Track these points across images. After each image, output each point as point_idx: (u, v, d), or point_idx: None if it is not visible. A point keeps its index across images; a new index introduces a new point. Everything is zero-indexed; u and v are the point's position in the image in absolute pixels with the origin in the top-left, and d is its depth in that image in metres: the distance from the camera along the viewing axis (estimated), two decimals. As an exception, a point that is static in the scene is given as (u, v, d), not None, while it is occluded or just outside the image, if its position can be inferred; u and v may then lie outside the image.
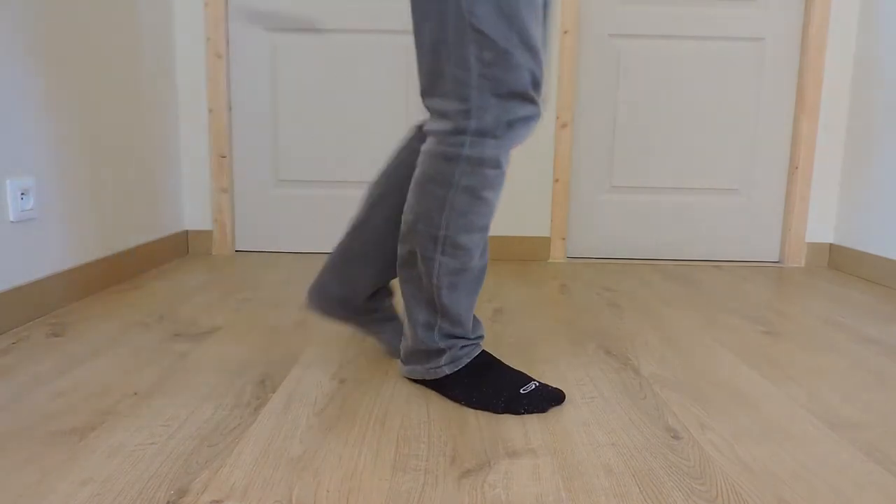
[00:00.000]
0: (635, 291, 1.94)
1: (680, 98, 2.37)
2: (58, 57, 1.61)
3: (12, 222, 1.47)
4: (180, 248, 2.32)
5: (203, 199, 2.37)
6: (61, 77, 1.63)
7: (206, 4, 2.25)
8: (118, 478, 0.85)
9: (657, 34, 2.33)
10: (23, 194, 1.50)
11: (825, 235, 2.41)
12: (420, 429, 1.01)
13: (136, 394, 1.11)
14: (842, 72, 2.32)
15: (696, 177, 2.42)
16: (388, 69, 2.33)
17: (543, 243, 2.40)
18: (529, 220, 2.40)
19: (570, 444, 0.97)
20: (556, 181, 2.36)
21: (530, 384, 1.10)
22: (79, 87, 1.70)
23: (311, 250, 2.43)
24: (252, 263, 2.23)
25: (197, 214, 2.37)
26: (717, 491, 0.85)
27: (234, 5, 2.29)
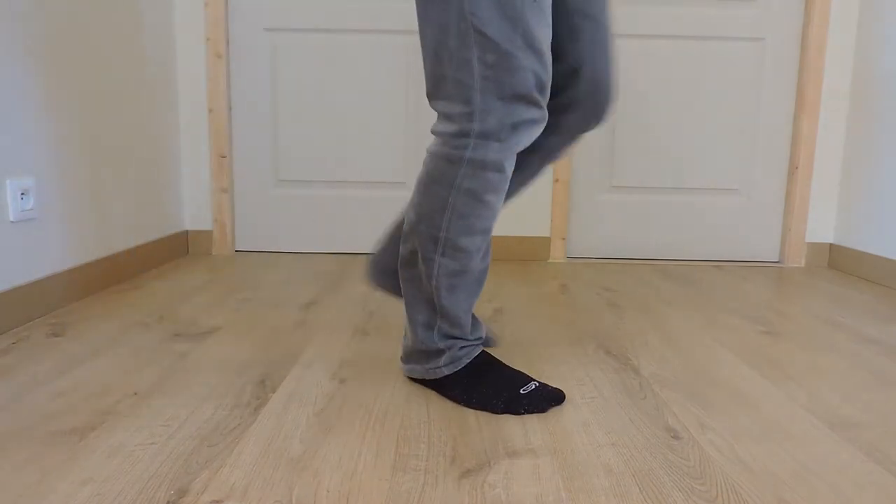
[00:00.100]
0: (635, 291, 1.94)
1: (680, 98, 2.37)
2: (58, 57, 1.61)
3: (12, 222, 1.47)
4: (180, 248, 2.32)
5: (203, 199, 2.37)
6: (61, 77, 1.63)
7: (206, 4, 2.25)
8: (118, 478, 0.85)
9: (657, 34, 2.33)
10: (23, 194, 1.50)
11: (825, 235, 2.41)
12: (420, 429, 1.01)
13: (136, 394, 1.11)
14: (842, 72, 2.32)
15: (696, 177, 2.42)
16: (388, 69, 2.33)
17: (543, 243, 2.40)
18: (529, 220, 2.40)
19: (570, 444, 0.97)
20: (556, 181, 2.36)
21: (530, 384, 1.10)
22: (79, 87, 1.70)
23: (311, 250, 2.43)
24: (252, 263, 2.23)
25: (197, 214, 2.37)
26: (717, 491, 0.85)
27: (233, 5, 2.29)
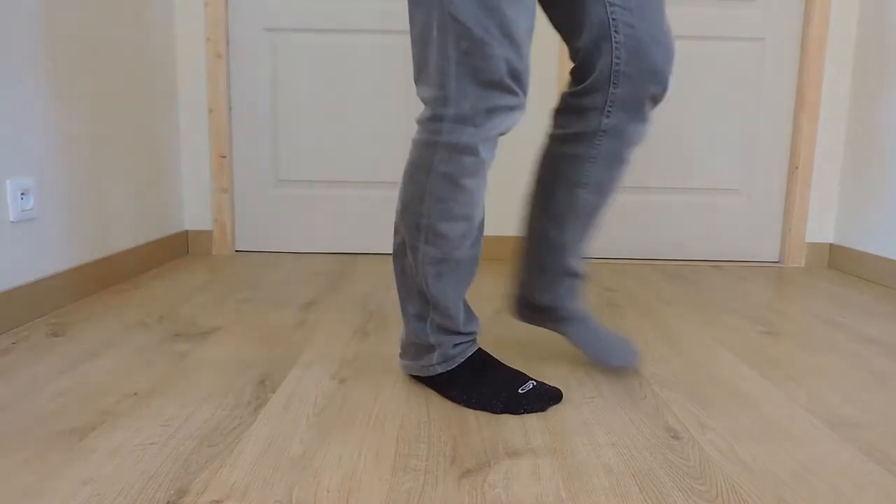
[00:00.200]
0: (635, 291, 1.94)
1: (680, 98, 2.37)
2: (58, 57, 1.61)
3: (12, 222, 1.47)
4: (180, 248, 2.32)
5: (203, 199, 2.37)
6: (62, 77, 1.63)
7: (206, 4, 2.25)
8: (118, 478, 0.85)
9: (657, 34, 2.33)
10: (23, 194, 1.50)
11: (825, 235, 2.41)
12: (420, 429, 1.01)
13: (136, 394, 1.11)
14: (842, 72, 2.32)
15: (696, 177, 2.42)
16: (388, 69, 2.33)
17: (543, 243, 2.40)
18: (529, 220, 2.39)
19: (570, 444, 0.97)
20: (556, 181, 2.35)
21: (528, 383, 1.10)
22: (79, 87, 1.70)
23: (311, 250, 2.43)
24: (252, 263, 2.23)
25: (197, 214, 2.37)
26: (717, 491, 0.85)
27: (233, 5, 2.29)
